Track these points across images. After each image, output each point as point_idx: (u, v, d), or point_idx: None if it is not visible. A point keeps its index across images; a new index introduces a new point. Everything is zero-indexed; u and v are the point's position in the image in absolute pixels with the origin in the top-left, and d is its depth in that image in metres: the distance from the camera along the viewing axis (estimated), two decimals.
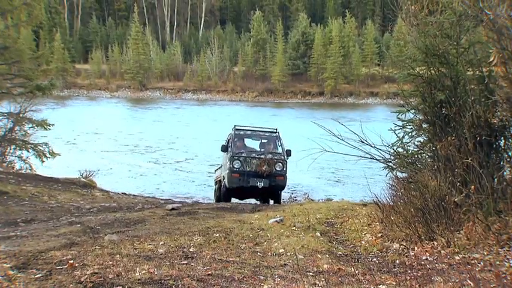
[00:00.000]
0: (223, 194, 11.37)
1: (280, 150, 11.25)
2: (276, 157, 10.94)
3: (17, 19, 11.42)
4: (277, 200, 11.41)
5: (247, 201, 11.78)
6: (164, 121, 35.14)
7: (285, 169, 10.81)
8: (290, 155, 11.18)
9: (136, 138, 25.52)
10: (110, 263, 3.83)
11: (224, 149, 11.41)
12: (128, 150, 22.07)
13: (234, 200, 11.75)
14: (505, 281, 3.47)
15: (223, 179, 11.35)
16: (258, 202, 11.99)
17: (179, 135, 26.77)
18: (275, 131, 11.80)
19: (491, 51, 4.68)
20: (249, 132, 11.96)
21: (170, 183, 15.71)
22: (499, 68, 4.52)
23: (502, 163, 5.19)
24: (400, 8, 6.27)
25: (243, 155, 10.92)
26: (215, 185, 13.41)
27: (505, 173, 5.02)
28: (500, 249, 4.11)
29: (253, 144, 12.14)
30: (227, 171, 10.86)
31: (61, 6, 74.21)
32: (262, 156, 10.87)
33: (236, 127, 11.73)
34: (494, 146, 5.17)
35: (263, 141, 11.83)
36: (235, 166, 10.73)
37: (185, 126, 31.74)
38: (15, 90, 11.94)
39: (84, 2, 79.99)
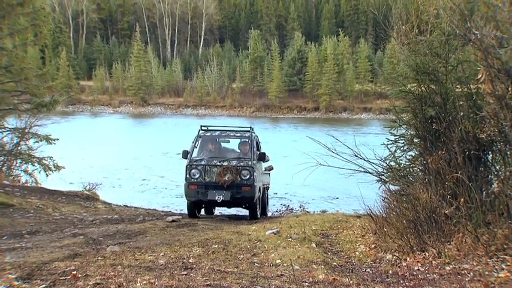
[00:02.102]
0: (187, 208, 9.52)
1: (249, 154, 9.40)
2: (241, 163, 9.09)
3: (24, 38, 11.73)
4: (253, 214, 9.57)
5: (245, 212, 11.67)
6: (169, 135, 35.19)
7: (252, 178, 8.95)
8: (264, 159, 9.72)
9: (135, 152, 25.51)
10: (112, 273, 3.85)
11: (185, 155, 9.26)
12: (127, 163, 22.07)
13: (232, 211, 11.53)
14: None
15: None
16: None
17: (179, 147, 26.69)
18: (248, 130, 10.01)
19: (478, 69, 4.84)
20: (217, 133, 9.98)
21: (170, 195, 15.73)
22: (486, 86, 4.64)
23: (490, 176, 5.27)
24: (391, 28, 6.41)
25: (202, 162, 9.10)
26: None
27: (493, 186, 5.10)
28: (489, 260, 4.16)
29: (232, 146, 10.44)
30: (184, 182, 9.18)
31: (66, 25, 75.55)
32: (225, 164, 9.03)
33: (202, 127, 9.90)
34: (483, 160, 5.25)
35: (242, 140, 10.00)
36: (193, 176, 9.01)
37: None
38: (22, 106, 12.20)
39: (88, 21, 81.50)
